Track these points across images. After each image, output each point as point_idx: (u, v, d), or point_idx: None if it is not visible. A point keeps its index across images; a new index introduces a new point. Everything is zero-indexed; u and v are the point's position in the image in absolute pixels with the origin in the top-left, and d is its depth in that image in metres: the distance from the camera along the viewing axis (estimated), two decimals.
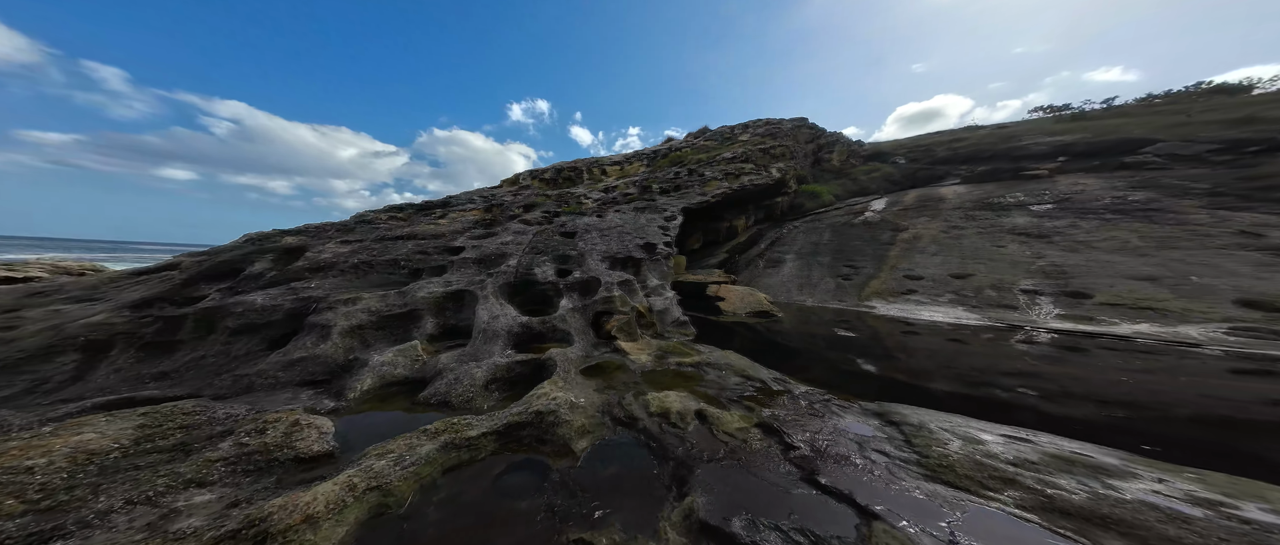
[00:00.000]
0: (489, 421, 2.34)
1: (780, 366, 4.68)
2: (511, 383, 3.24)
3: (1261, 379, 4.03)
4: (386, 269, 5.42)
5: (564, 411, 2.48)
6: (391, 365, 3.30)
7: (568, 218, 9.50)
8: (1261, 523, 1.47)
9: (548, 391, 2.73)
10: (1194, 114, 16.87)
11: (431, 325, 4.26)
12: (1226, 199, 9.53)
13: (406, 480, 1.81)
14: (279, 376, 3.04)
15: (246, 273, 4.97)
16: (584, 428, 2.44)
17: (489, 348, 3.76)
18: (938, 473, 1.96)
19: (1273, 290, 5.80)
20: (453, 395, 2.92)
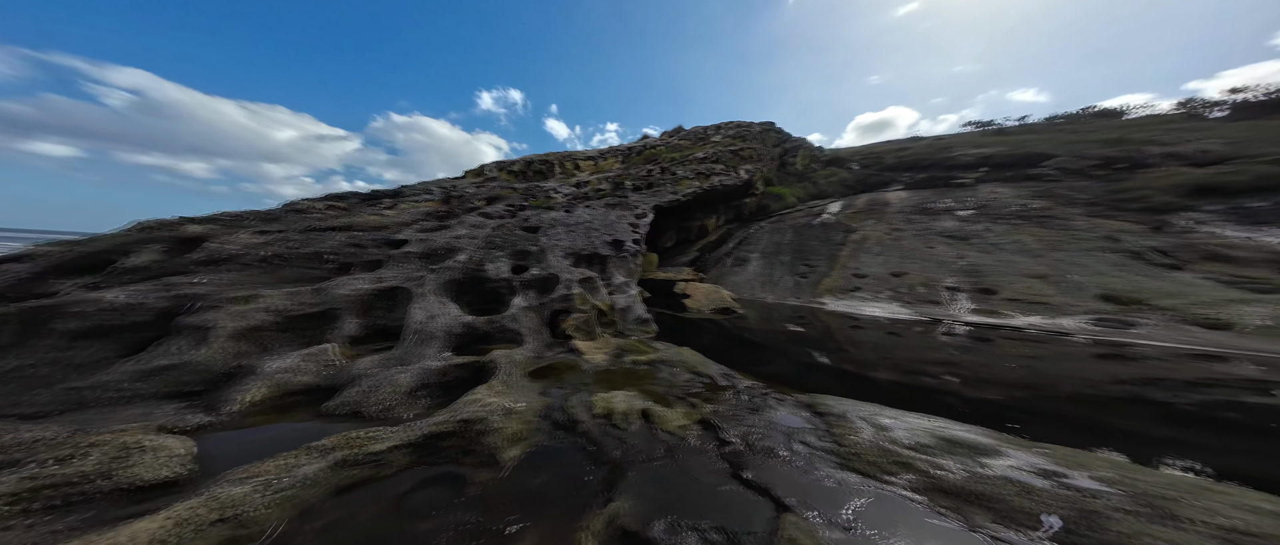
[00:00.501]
0: (403, 433, 2.11)
1: (744, 360, 4.99)
2: (445, 388, 2.99)
3: (1114, 362, 4.91)
4: (306, 263, 4.83)
5: (496, 418, 2.32)
6: (293, 372, 2.88)
7: (533, 212, 9.10)
8: (1086, 488, 1.78)
9: (481, 397, 2.56)
10: (1083, 133, 19.90)
11: (354, 326, 3.81)
12: (1099, 208, 11.41)
13: (274, 506, 1.56)
14: (130, 389, 2.52)
15: (120, 266, 4.15)
16: (517, 435, 2.30)
17: (422, 350, 3.43)
18: (849, 461, 2.10)
19: (1125, 286, 7.09)
20: (367, 404, 2.63)
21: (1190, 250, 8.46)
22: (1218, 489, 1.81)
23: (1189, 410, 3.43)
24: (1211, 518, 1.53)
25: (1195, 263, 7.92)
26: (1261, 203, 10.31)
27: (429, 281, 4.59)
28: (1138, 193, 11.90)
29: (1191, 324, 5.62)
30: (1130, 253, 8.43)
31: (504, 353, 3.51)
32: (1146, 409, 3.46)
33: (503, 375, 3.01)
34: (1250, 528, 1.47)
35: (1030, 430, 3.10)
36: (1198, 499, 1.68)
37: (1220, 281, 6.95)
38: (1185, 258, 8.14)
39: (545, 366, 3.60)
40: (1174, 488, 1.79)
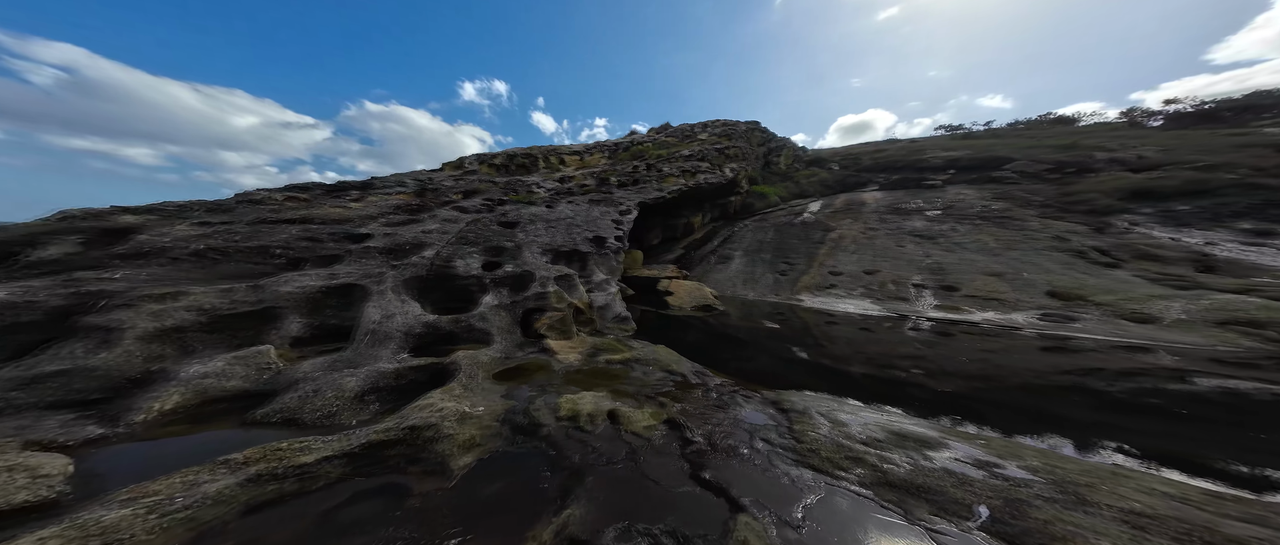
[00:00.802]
0: (340, 442, 1.96)
1: (722, 357, 5.10)
2: (400, 392, 2.81)
3: (1057, 354, 5.29)
4: (250, 258, 4.46)
5: (448, 424, 2.19)
6: (219, 377, 2.63)
7: (512, 207, 8.80)
8: (1015, 477, 1.91)
9: (434, 401, 2.42)
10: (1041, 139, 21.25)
11: (298, 326, 3.51)
12: (1051, 210, 12.25)
13: (161, 531, 1.39)
14: (4, 399, 2.23)
15: (26, 259, 3.72)
16: (472, 441, 2.18)
17: (375, 352, 3.22)
18: (806, 458, 2.14)
19: (1069, 284, 7.68)
20: (304, 411, 2.42)
21: (1126, 249, 9.24)
22: (1127, 473, 1.96)
23: (1121, 397, 3.76)
24: (1118, 501, 1.66)
25: (1129, 261, 8.66)
26: (1185, 206, 11.37)
27: (389, 278, 4.32)
28: (1084, 196, 12.85)
29: (1123, 318, 6.17)
30: (1075, 252, 9.12)
31: (468, 353, 3.36)
32: (1085, 397, 3.77)
33: (464, 377, 2.88)
34: (1146, 509, 1.61)
35: (985, 418, 3.33)
36: (1109, 484, 1.81)
37: (1148, 278, 7.64)
38: (1121, 257, 8.89)
39: (514, 367, 3.49)
40: (1091, 474, 1.92)
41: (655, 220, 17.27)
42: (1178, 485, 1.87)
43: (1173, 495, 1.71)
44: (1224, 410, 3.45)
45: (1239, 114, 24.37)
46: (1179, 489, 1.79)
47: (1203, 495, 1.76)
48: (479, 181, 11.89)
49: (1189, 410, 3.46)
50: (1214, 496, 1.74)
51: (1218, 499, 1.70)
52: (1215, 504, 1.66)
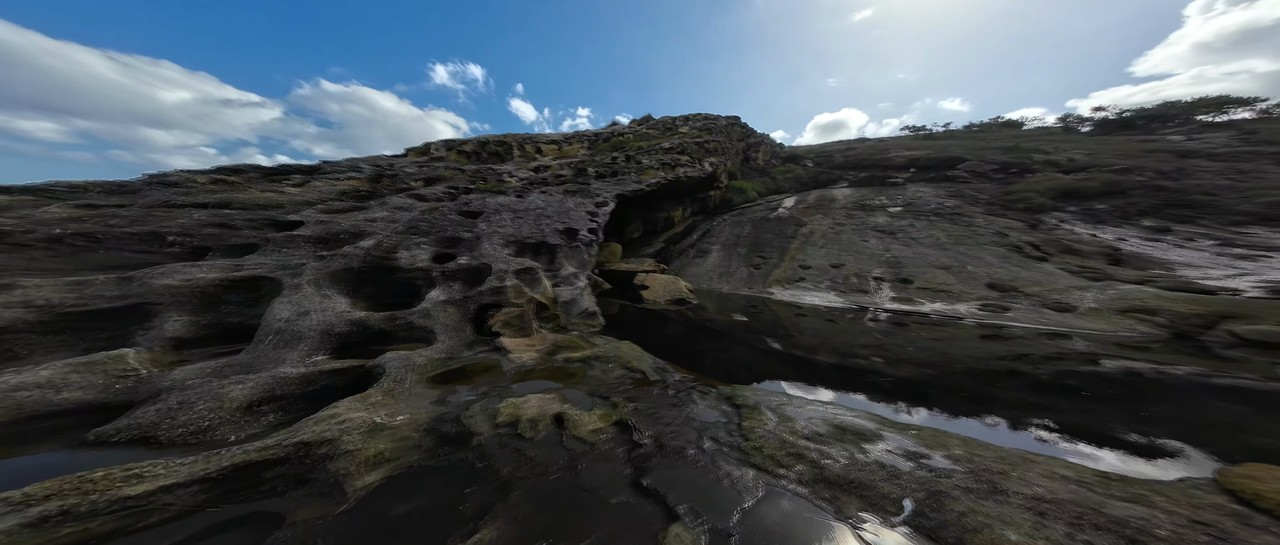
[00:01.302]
0: (196, 466, 1.63)
1: (690, 350, 5.22)
2: (307, 401, 2.49)
3: (994, 341, 5.81)
4: (133, 245, 3.87)
5: (353, 437, 1.93)
6: (51, 387, 2.15)
7: (478, 195, 8.18)
8: (939, 468, 1.98)
9: (341, 411, 2.15)
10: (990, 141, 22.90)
11: (180, 325, 3.01)
12: (995, 207, 13.31)
13: None
14: None
15: None
16: (380, 456, 1.93)
17: (280, 354, 2.83)
18: (750, 456, 2.12)
19: (1006, 276, 8.42)
20: (166, 427, 2.03)
21: (1054, 244, 10.25)
22: (1036, 458, 2.11)
23: (1045, 379, 4.21)
24: (1025, 487, 1.78)
25: (1056, 255, 9.62)
26: (1103, 205, 12.73)
27: (309, 271, 3.84)
28: (1022, 194, 14.04)
29: (1047, 308, 6.86)
30: (1012, 247, 10.00)
31: (400, 354, 3.04)
32: (1017, 379, 4.21)
33: (389, 381, 2.61)
34: (1048, 494, 1.74)
35: (934, 401, 3.68)
36: (1020, 470, 1.93)
37: (1069, 271, 8.53)
38: (1049, 251, 9.85)
39: (457, 368, 3.21)
40: (1006, 461, 2.05)
41: (635, 213, 17.09)
42: (1076, 468, 2.02)
43: (1071, 478, 1.86)
44: (1124, 388, 3.97)
45: (1150, 122, 27.42)
46: (1077, 472, 1.94)
47: (1095, 476, 1.92)
48: (445, 168, 11.12)
49: (1098, 389, 3.92)
50: (1103, 477, 1.90)
51: (1106, 480, 1.86)
52: (1104, 485, 1.81)
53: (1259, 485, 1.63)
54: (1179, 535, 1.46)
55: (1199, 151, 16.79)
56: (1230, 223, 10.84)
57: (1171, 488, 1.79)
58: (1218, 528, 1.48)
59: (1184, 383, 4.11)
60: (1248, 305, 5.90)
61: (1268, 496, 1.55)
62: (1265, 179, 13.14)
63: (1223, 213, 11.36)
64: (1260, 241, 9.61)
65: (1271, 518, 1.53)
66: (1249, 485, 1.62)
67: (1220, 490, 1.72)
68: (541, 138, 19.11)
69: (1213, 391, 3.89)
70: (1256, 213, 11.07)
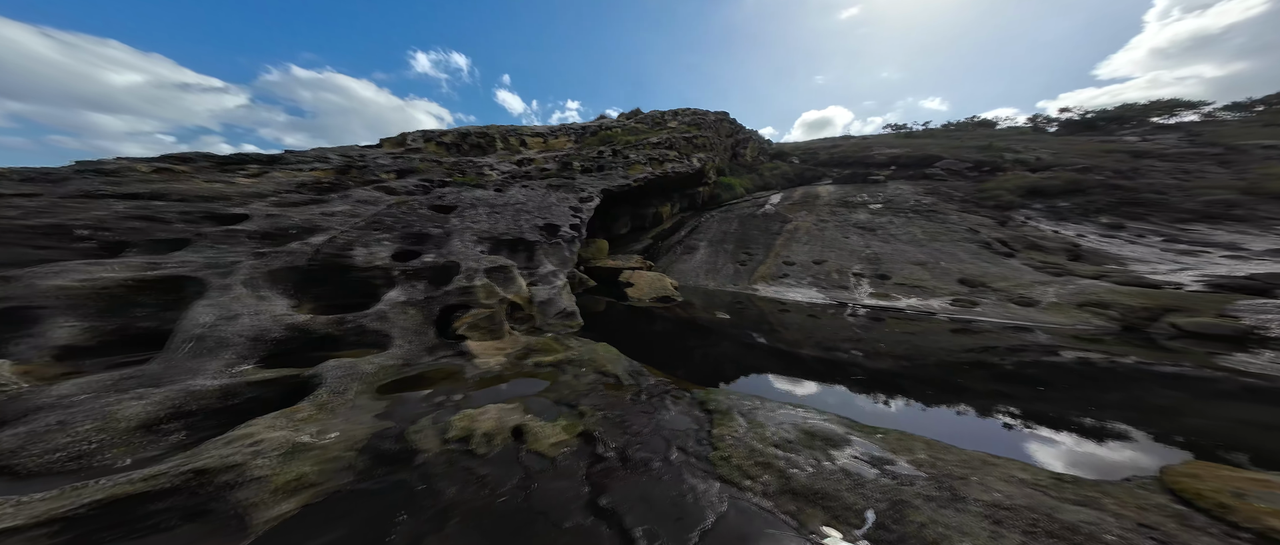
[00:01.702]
0: (60, 500, 1.38)
1: (676, 348, 5.23)
2: (228, 416, 2.21)
3: (964, 335, 6.07)
4: (31, 240, 3.40)
5: (264, 460, 1.69)
6: None
7: (454, 189, 7.90)
8: (902, 475, 1.96)
9: (256, 430, 1.91)
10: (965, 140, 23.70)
11: (73, 332, 2.67)
12: (968, 204, 13.82)
13: None
14: None
15: None
16: (301, 481, 1.69)
17: (198, 364, 2.53)
18: (717, 467, 2.04)
19: (975, 272, 8.78)
20: (34, 453, 1.75)
21: (1021, 241, 10.74)
22: (996, 460, 2.13)
23: (1010, 369, 4.46)
24: (984, 493, 1.77)
25: (1022, 251, 10.08)
26: (1066, 203, 13.40)
27: (244, 269, 3.47)
28: (993, 192, 14.62)
29: (1013, 302, 7.20)
30: (983, 243, 10.42)
31: (344, 362, 2.78)
32: (984, 370, 4.46)
33: (326, 393, 2.36)
34: (1005, 500, 1.74)
35: (909, 392, 3.82)
36: (980, 474, 1.94)
37: (1033, 267, 8.97)
38: (1016, 247, 10.31)
39: (414, 376, 2.97)
40: (967, 464, 2.05)
41: (624, 209, 16.89)
42: (1033, 470, 2.06)
43: (1028, 482, 1.89)
44: (1079, 377, 4.24)
45: (1109, 124, 28.96)
46: (1033, 475, 1.98)
47: (1050, 479, 1.96)
48: (421, 160, 10.58)
49: (1057, 379, 4.20)
50: (1057, 480, 1.94)
51: (1060, 482, 1.91)
52: (1057, 488, 1.85)
53: (1198, 484, 1.72)
54: (1126, 539, 1.50)
55: (1151, 152, 17.86)
56: (1176, 220, 11.61)
57: (1119, 489, 1.84)
58: (1161, 530, 1.53)
59: (1132, 372, 4.38)
60: (1188, 298, 6.33)
61: (1207, 496, 1.64)
62: (1207, 178, 14.11)
63: (1169, 210, 12.15)
64: (1201, 237, 10.35)
65: (1210, 518, 1.60)
66: (1190, 484, 1.71)
67: (1163, 489, 1.79)
68: (526, 130, 18.54)
69: (1156, 379, 4.17)
70: (1198, 210, 11.89)
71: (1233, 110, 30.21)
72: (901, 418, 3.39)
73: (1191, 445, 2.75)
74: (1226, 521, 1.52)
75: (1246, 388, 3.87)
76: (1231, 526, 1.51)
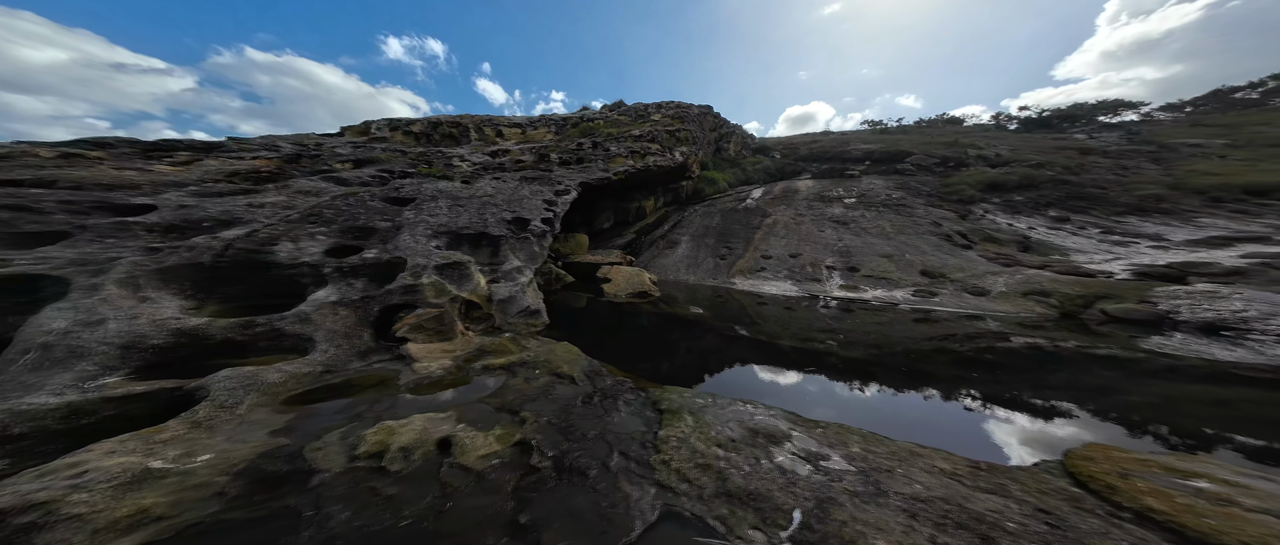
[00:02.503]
0: None
1: (647, 344, 5.19)
2: (75, 439, 1.93)
3: (925, 324, 6.40)
4: None
5: (89, 496, 1.44)
6: None
7: (415, 180, 7.34)
8: (834, 470, 1.96)
9: (91, 457, 1.66)
10: (934, 136, 24.68)
11: None
12: (934, 199, 14.47)
13: None
14: None
15: None
16: (143, 515, 1.44)
17: (40, 378, 2.16)
18: (656, 471, 1.98)
19: (936, 263, 9.25)
20: None
21: (978, 233, 11.38)
22: (922, 451, 2.19)
23: (967, 354, 4.81)
24: (907, 486, 1.82)
25: (979, 243, 10.70)
26: (1020, 197, 14.26)
27: (123, 267, 3.05)
28: (957, 187, 15.35)
29: (968, 292, 7.65)
30: (944, 236, 10.96)
31: (243, 372, 2.46)
32: (943, 356, 4.79)
33: (208, 408, 2.10)
34: (923, 492, 1.79)
35: (878, 377, 4.09)
36: (905, 466, 1.98)
37: (988, 258, 9.55)
38: (974, 239, 10.93)
39: (335, 385, 2.69)
40: (896, 456, 2.11)
41: (607, 203, 16.64)
42: (954, 460, 2.14)
43: (948, 471, 1.96)
44: (1026, 360, 4.66)
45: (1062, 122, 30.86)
46: (953, 464, 2.05)
47: (968, 467, 2.03)
48: (383, 150, 9.92)
49: (1007, 361, 4.63)
50: (974, 467, 2.02)
51: (976, 470, 1.99)
52: (973, 476, 1.94)
53: (1093, 466, 1.88)
54: (1024, 526, 1.58)
55: (1096, 149, 19.20)
56: (1113, 213, 12.60)
57: (1026, 475, 1.95)
58: (1056, 513, 1.63)
59: (1067, 355, 4.79)
60: (1117, 286, 6.92)
61: (1098, 478, 1.80)
62: (1142, 174, 15.34)
63: (1108, 204, 13.16)
64: (1133, 229, 11.29)
65: (1099, 498, 1.72)
66: (1085, 467, 1.88)
67: (1065, 473, 1.93)
68: (503, 120, 17.80)
69: (1095, 361, 4.58)
70: (1132, 204, 12.94)
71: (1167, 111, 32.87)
72: (851, 407, 3.53)
73: (1103, 422, 3.05)
74: (1111, 502, 1.67)
75: (1165, 367, 4.35)
76: (1115, 507, 1.66)
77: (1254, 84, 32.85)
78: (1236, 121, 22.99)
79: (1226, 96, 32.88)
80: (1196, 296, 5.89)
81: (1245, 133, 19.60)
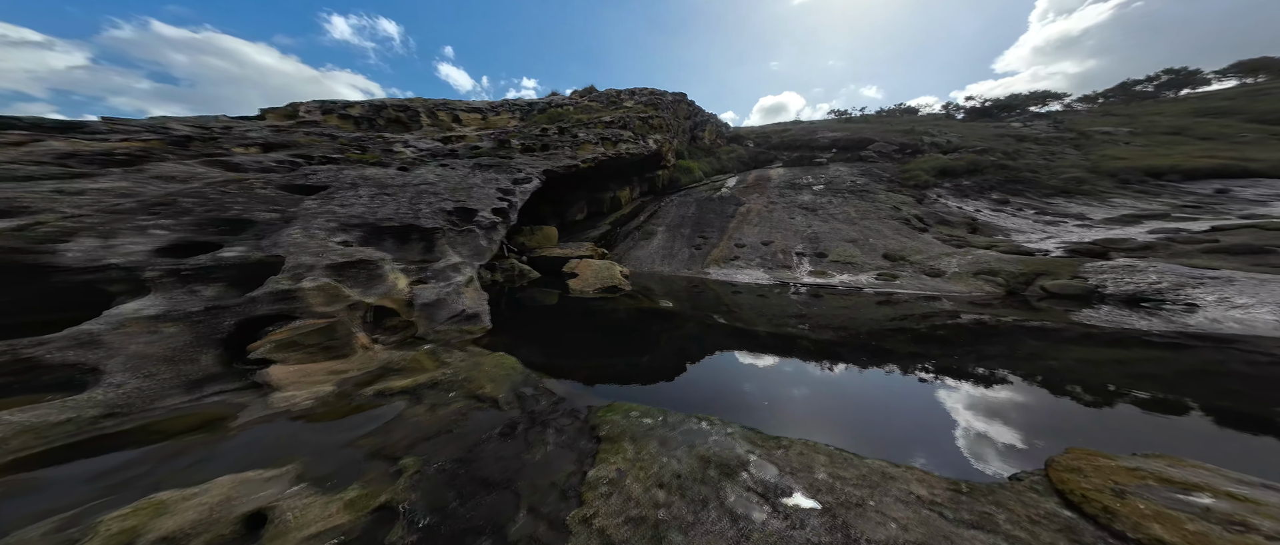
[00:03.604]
0: None
1: (610, 343, 4.67)
2: None
3: (888, 306, 6.56)
4: None
5: None
6: None
7: (336, 167, 6.24)
8: (797, 513, 1.56)
9: None
10: (894, 125, 25.77)
11: None
12: (894, 184, 15.04)
13: None
14: None
15: None
16: None
17: None
18: (574, 536, 1.49)
19: (897, 247, 9.55)
20: None
21: (933, 216, 11.94)
22: (895, 472, 1.89)
23: (924, 332, 5.07)
24: (881, 525, 1.51)
25: (934, 226, 11.21)
26: (968, 181, 15.16)
27: None
28: (913, 172, 16.06)
29: (925, 274, 7.92)
30: (904, 220, 11.39)
31: None
32: (905, 334, 5.04)
33: None
34: (899, 535, 1.47)
35: (847, 357, 4.22)
36: (877, 494, 1.69)
37: (942, 240, 10.01)
38: (930, 222, 11.44)
39: (114, 435, 1.89)
40: (866, 482, 1.79)
41: (579, 193, 15.80)
42: (929, 481, 1.85)
43: (925, 498, 1.69)
44: (975, 336, 4.85)
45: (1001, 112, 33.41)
46: (929, 488, 1.77)
47: (947, 491, 1.74)
48: (308, 135, 8.48)
49: (959, 337, 4.88)
50: (954, 491, 1.75)
51: (956, 496, 1.72)
52: (953, 504, 1.67)
53: (1082, 482, 1.58)
54: None
55: (1029, 136, 20.84)
56: (1044, 195, 13.70)
57: (1012, 497, 1.70)
58: None
59: (1005, 329, 5.08)
60: (1052, 263, 7.41)
61: (1091, 497, 1.51)
62: (1065, 159, 16.81)
63: (1040, 187, 14.29)
64: (1060, 210, 12.33)
65: (1098, 527, 1.50)
66: (1075, 483, 1.63)
67: (1052, 490, 1.70)
68: (460, 105, 16.19)
69: (1027, 333, 4.87)
70: (1058, 186, 14.15)
71: (1084, 102, 36.60)
72: (819, 392, 3.36)
73: (1033, 385, 3.37)
74: (1113, 531, 1.41)
75: (1082, 335, 4.72)
76: (1119, 538, 1.43)
77: (1150, 78, 37.36)
78: (1136, 112, 25.90)
79: (1130, 89, 37.15)
80: (1119, 271, 6.38)
81: (1143, 121, 22.06)
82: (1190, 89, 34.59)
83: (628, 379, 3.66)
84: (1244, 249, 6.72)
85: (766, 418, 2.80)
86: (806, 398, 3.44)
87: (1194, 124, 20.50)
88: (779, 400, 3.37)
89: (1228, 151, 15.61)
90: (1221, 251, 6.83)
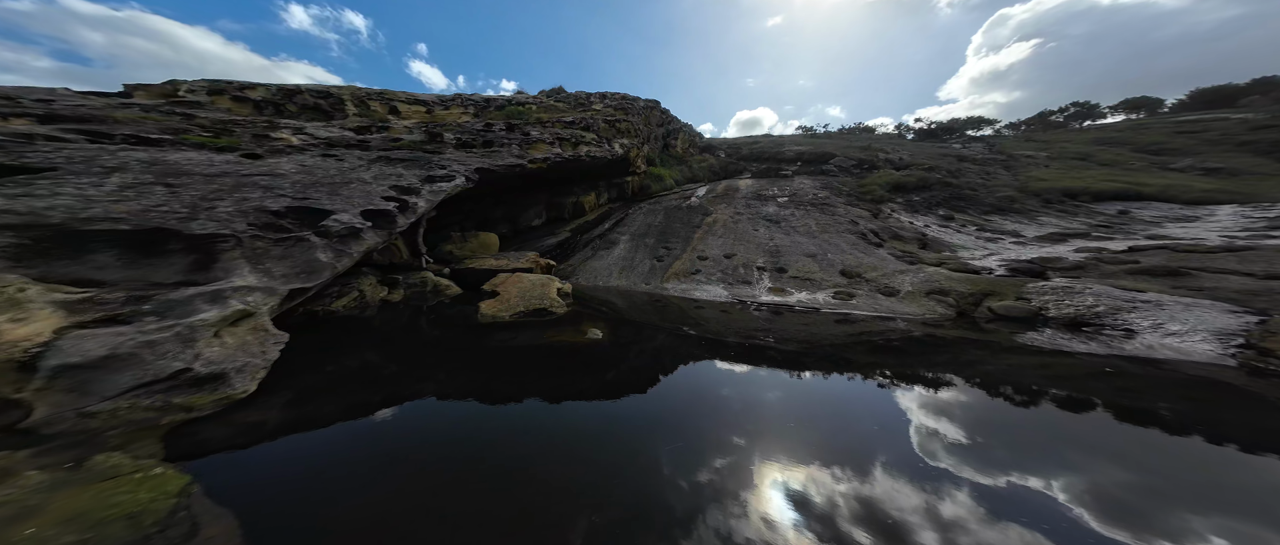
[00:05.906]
0: None
1: (465, 412, 2.94)
2: None
3: (845, 324, 6.25)
4: None
5: None
6: None
7: (113, 147, 4.20)
8: None
9: None
10: (853, 142, 27.05)
11: None
12: (852, 199, 15.33)
13: None
14: None
15: None
16: None
17: None
18: None
19: (853, 262, 9.40)
20: None
21: (887, 231, 12.10)
22: None
23: (881, 344, 5.39)
24: None
25: (888, 241, 11.31)
26: (918, 198, 15.81)
27: None
28: (869, 187, 16.54)
29: (881, 293, 7.69)
30: (861, 235, 11.39)
31: None
32: (862, 348, 5.36)
33: None
34: None
35: (813, 367, 4.41)
36: None
37: (896, 255, 10.03)
38: (884, 237, 11.55)
39: None
40: None
41: (539, 197, 14.58)
42: None
43: None
44: (927, 348, 5.16)
45: (944, 134, 36.58)
46: None
47: None
48: (141, 111, 6.30)
49: (913, 350, 5.14)
50: None
51: None
52: None
53: None
54: None
55: (968, 157, 22.56)
56: (983, 212, 14.50)
57: None
58: None
59: (954, 340, 5.29)
60: (998, 283, 7.41)
61: None
62: (999, 179, 18.19)
63: (979, 204, 15.17)
64: (997, 226, 13.02)
65: None
66: None
67: None
68: (401, 96, 14.44)
69: (974, 345, 5.18)
70: (994, 204, 15.09)
71: (1011, 128, 41.27)
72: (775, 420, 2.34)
73: (973, 387, 3.62)
74: None
75: (1016, 347, 5.05)
76: None
77: (1062, 110, 43.24)
78: (1052, 138, 29.22)
79: (1047, 118, 42.54)
80: (1058, 292, 6.40)
81: (1057, 147, 24.75)
82: (1091, 121, 40.05)
83: (683, 349, 3.71)
84: (1162, 270, 7.03)
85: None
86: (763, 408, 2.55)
87: (1095, 151, 23.24)
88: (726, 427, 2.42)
89: (1125, 177, 17.60)
90: (1143, 272, 7.11)
